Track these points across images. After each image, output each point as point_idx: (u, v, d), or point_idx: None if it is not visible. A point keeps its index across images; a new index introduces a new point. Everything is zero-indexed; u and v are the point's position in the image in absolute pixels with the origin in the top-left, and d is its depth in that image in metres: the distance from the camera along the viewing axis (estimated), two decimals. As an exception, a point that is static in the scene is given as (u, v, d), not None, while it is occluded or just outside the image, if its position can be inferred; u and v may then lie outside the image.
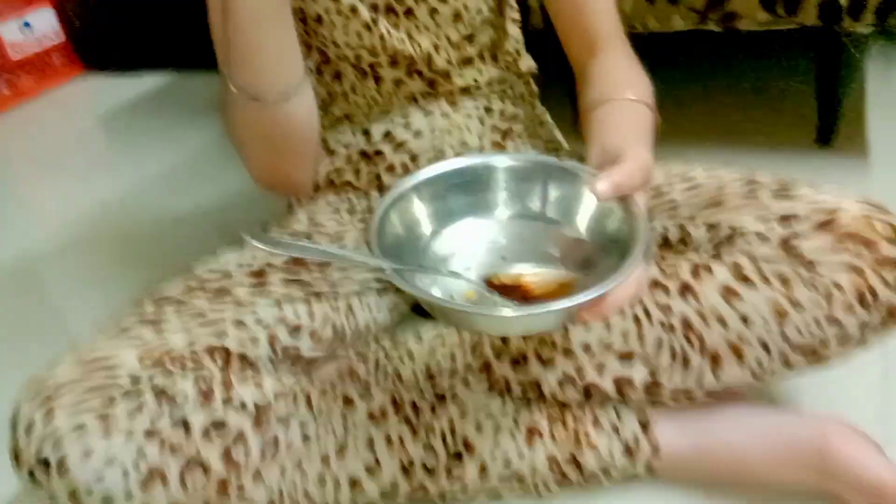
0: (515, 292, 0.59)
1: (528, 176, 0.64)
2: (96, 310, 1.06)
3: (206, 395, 0.65)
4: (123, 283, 1.15)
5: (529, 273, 0.60)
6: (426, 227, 0.63)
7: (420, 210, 0.63)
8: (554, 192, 0.64)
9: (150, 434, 0.62)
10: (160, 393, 0.64)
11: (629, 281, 0.53)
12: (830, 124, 1.29)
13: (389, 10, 0.79)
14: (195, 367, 0.67)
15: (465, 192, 0.64)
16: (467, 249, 0.62)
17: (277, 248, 0.61)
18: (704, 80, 1.58)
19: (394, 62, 0.82)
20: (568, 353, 0.70)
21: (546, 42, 1.03)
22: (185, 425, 0.63)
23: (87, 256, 1.27)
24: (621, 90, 0.72)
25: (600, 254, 0.60)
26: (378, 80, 0.84)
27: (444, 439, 0.70)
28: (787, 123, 1.39)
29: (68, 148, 1.79)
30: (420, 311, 0.85)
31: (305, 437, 0.68)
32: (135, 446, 0.62)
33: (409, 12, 0.79)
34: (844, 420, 0.69)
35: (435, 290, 0.58)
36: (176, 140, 1.70)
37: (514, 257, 0.62)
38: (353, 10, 0.79)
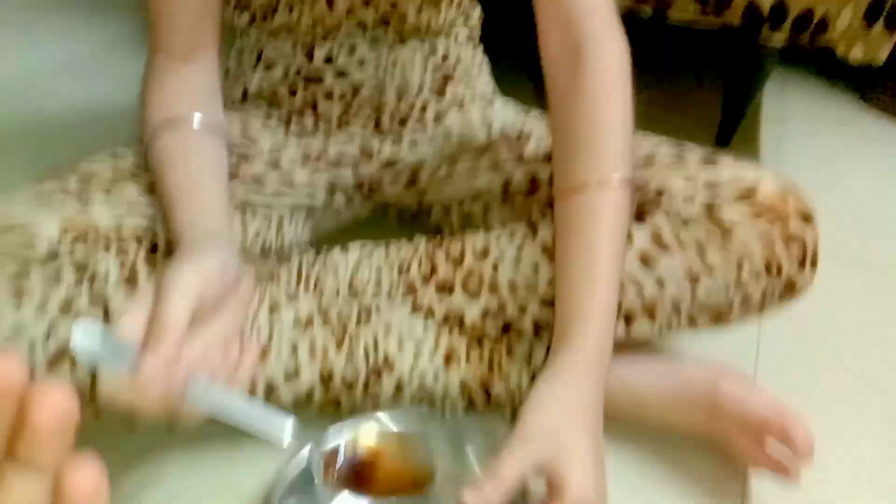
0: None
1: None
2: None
3: (130, 279, 0.62)
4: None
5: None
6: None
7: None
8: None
9: (65, 309, 0.59)
10: (81, 267, 0.60)
11: None
12: (731, 128, 1.38)
13: None
14: (120, 249, 0.64)
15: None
16: None
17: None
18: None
19: None
20: (494, 288, 0.72)
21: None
22: (105, 305, 0.61)
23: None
24: (606, 167, 0.66)
25: None
26: (330, 2, 0.80)
27: (366, 353, 0.70)
28: (690, 119, 1.47)
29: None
30: None
31: None
32: (47, 320, 0.58)
33: None
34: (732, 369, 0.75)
35: None
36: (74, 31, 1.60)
37: None
38: None
